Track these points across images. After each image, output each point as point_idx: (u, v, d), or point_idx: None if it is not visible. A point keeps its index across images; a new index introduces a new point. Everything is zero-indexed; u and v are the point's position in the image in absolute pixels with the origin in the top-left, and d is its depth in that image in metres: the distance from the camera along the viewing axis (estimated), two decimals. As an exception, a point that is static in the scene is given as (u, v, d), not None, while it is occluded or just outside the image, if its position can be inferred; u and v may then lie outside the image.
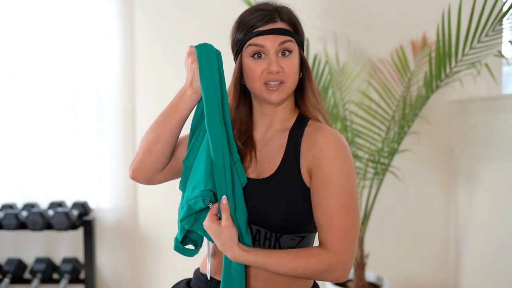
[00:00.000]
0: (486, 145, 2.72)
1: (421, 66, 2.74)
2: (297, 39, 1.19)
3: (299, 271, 1.10)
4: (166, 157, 1.23)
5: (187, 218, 1.16)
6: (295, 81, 1.19)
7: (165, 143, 1.21)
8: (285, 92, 1.18)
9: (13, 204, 2.96)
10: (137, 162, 1.23)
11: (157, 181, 1.27)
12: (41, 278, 2.88)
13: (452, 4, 2.32)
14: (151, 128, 1.22)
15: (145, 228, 3.08)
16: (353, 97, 2.93)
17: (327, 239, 1.12)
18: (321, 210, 1.12)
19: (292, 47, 1.18)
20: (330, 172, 1.11)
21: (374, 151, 2.63)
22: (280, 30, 1.17)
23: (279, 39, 1.16)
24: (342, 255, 1.11)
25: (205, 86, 1.15)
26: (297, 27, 1.20)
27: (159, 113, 1.23)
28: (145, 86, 3.03)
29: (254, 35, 1.17)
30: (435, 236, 3.12)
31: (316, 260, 1.11)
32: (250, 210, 1.16)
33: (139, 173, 1.23)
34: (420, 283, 3.13)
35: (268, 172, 1.19)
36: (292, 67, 1.17)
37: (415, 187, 3.06)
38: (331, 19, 3.01)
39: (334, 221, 1.11)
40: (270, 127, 1.25)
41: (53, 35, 2.96)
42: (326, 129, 1.17)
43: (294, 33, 1.19)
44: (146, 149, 1.22)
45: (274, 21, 1.17)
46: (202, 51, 1.18)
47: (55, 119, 2.99)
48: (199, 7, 3.02)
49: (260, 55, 1.17)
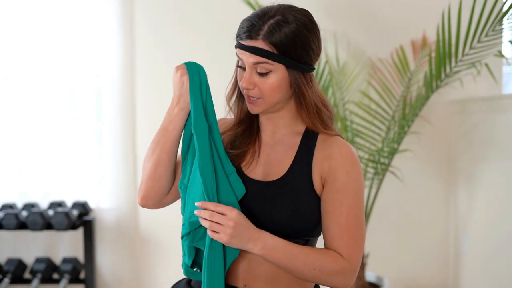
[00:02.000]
0: (486, 145, 2.72)
1: (421, 66, 2.74)
2: (282, 61, 1.12)
3: (316, 265, 1.12)
4: (169, 180, 1.24)
5: (186, 237, 1.17)
6: (277, 98, 1.17)
7: (164, 166, 1.22)
8: (263, 107, 1.18)
9: (13, 204, 2.96)
10: (143, 191, 1.24)
11: (167, 203, 1.29)
12: (41, 278, 2.87)
13: (452, 4, 2.32)
14: (148, 155, 1.23)
15: (145, 228, 3.07)
16: (353, 97, 2.93)
17: (341, 248, 1.14)
18: (335, 219, 1.15)
19: (270, 68, 1.13)
20: (346, 184, 1.15)
21: (374, 151, 2.63)
22: (257, 50, 1.12)
23: (253, 59, 1.13)
24: (354, 263, 1.15)
25: (195, 101, 1.16)
26: (285, 48, 1.12)
27: (159, 113, 1.24)
28: (145, 86, 3.03)
29: (237, 46, 1.17)
30: (435, 236, 3.11)
31: (332, 260, 1.13)
32: (255, 212, 1.16)
33: (148, 200, 1.25)
34: (420, 283, 3.13)
35: (277, 174, 1.19)
36: (268, 86, 1.14)
37: (415, 187, 3.06)
38: (331, 19, 3.01)
39: (348, 231, 1.14)
40: (276, 130, 1.24)
41: (52, 36, 2.96)
42: (341, 141, 1.20)
43: (276, 55, 1.12)
44: (149, 176, 1.23)
45: (254, 38, 1.12)
46: (193, 68, 1.18)
47: (55, 119, 2.99)
48: (200, 7, 3.02)
49: (242, 65, 1.17)
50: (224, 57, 1.20)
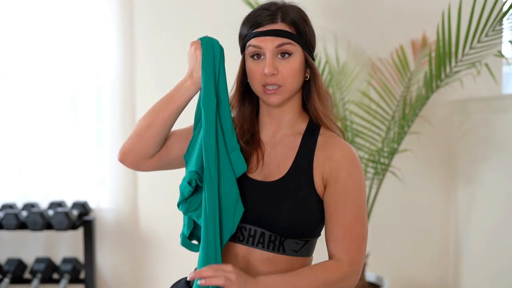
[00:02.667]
0: (486, 145, 2.72)
1: (421, 66, 2.75)
2: (300, 41, 1.17)
3: (320, 281, 1.11)
4: (156, 144, 1.23)
5: (182, 204, 1.17)
6: (296, 83, 1.18)
7: (157, 130, 1.21)
8: (283, 95, 1.18)
9: (13, 204, 2.96)
10: (126, 145, 1.24)
11: (145, 167, 1.26)
12: (41, 278, 2.87)
13: (452, 4, 2.32)
14: (145, 114, 1.23)
15: (145, 228, 3.07)
16: (353, 97, 2.93)
17: (344, 249, 1.15)
18: (338, 221, 1.15)
19: (292, 49, 1.16)
20: (348, 185, 1.16)
21: (374, 151, 2.63)
22: (279, 31, 1.15)
23: (276, 41, 1.15)
24: (356, 264, 1.15)
25: (206, 75, 1.15)
26: (300, 28, 1.17)
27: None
28: (145, 86, 3.02)
29: (253, 36, 1.16)
30: (435, 236, 3.11)
31: (333, 270, 1.13)
32: (256, 213, 1.16)
33: (127, 156, 1.24)
34: (420, 283, 3.13)
35: (277, 175, 1.20)
36: (290, 70, 1.16)
37: (415, 187, 3.06)
38: (331, 19, 3.01)
39: (350, 232, 1.15)
40: (278, 130, 1.25)
41: (52, 36, 2.95)
42: (342, 141, 1.21)
43: (296, 35, 1.16)
44: (137, 133, 1.22)
45: (274, 21, 1.15)
46: (207, 43, 1.18)
47: (55, 119, 2.99)
48: (199, 6, 3.02)
49: (259, 55, 1.17)
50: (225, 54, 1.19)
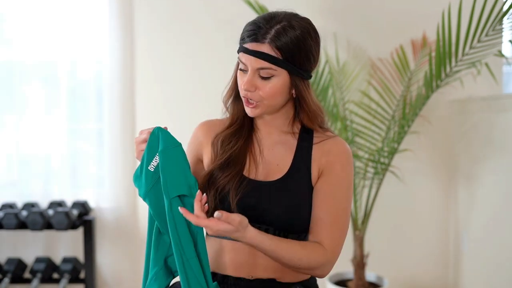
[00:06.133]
0: (486, 145, 2.72)
1: (421, 65, 2.74)
2: (285, 66, 1.13)
3: (303, 261, 1.14)
4: None
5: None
6: (277, 101, 1.18)
7: None
8: (262, 110, 1.19)
9: (13, 204, 2.96)
10: None
11: None
12: (41, 278, 2.88)
13: (452, 3, 2.31)
14: None
15: (145, 228, 3.05)
16: (353, 97, 2.93)
17: (328, 237, 1.18)
18: (327, 209, 1.18)
19: (274, 73, 1.14)
20: (341, 177, 1.21)
21: (374, 151, 2.63)
22: (263, 55, 1.12)
23: (258, 64, 1.13)
24: (336, 254, 1.19)
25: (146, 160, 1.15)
26: (290, 53, 1.13)
27: (158, 113, 1.24)
28: (145, 86, 3.02)
29: (241, 50, 1.16)
30: (435, 236, 3.11)
31: (318, 255, 1.16)
32: (260, 212, 1.19)
33: None
34: (420, 283, 3.13)
35: (278, 174, 1.22)
36: (269, 90, 1.15)
37: (415, 187, 3.06)
38: (331, 19, 3.01)
39: (337, 222, 1.19)
40: (273, 131, 1.27)
41: (52, 35, 2.96)
42: (338, 138, 1.25)
43: (281, 60, 1.12)
44: None
45: (260, 41, 1.12)
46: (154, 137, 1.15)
47: (55, 119, 2.99)
48: (200, 6, 3.02)
49: (245, 68, 1.17)
50: (223, 56, 1.20)
